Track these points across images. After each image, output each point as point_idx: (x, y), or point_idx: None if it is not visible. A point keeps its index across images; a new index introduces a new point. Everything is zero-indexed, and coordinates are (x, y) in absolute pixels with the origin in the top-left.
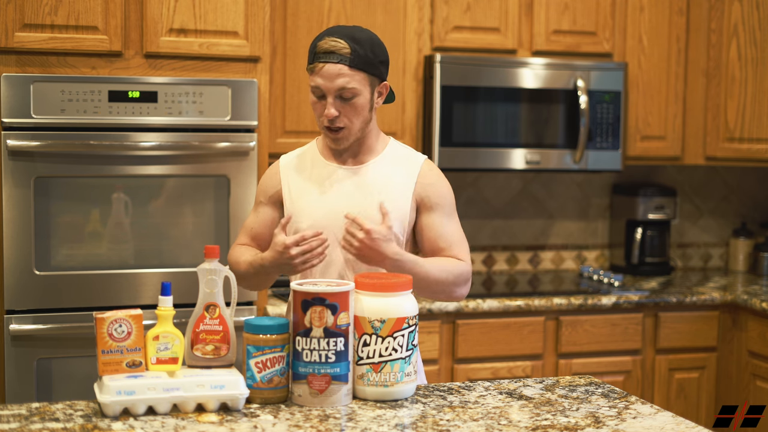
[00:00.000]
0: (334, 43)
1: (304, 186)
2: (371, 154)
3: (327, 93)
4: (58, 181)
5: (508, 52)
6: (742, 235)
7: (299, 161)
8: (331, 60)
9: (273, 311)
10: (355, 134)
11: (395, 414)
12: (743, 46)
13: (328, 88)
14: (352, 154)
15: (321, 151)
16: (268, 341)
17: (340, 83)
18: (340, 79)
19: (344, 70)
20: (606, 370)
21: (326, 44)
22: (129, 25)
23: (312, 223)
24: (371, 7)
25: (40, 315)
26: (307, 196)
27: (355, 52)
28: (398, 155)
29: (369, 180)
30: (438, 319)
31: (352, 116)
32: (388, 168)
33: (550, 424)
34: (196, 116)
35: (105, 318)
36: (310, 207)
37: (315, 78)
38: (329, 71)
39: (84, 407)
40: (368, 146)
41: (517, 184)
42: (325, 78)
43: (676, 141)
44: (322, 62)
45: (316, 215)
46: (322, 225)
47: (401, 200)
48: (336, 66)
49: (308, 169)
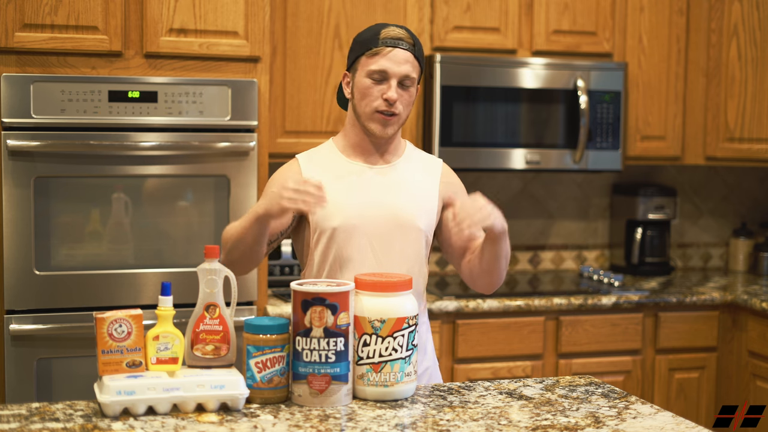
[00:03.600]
0: (401, 32)
1: (331, 185)
2: (396, 155)
3: (392, 76)
4: (58, 181)
5: (508, 52)
6: (742, 235)
7: (320, 160)
8: (401, 46)
9: (273, 311)
10: (400, 124)
11: (395, 414)
12: (743, 46)
13: (395, 72)
14: (380, 153)
15: (342, 150)
16: (268, 341)
17: (406, 70)
18: (407, 66)
19: (410, 58)
20: (606, 370)
21: (393, 32)
22: (129, 25)
23: (343, 222)
24: (371, 7)
25: (40, 315)
26: (336, 195)
27: (417, 46)
28: (419, 157)
29: (398, 179)
30: (438, 319)
31: (406, 105)
32: (413, 168)
33: (550, 424)
34: (196, 116)
35: (105, 318)
36: (340, 206)
37: (380, 61)
38: (398, 56)
39: (84, 407)
40: (395, 146)
41: (517, 184)
42: (392, 62)
43: (676, 141)
44: (391, 47)
45: (347, 214)
46: (353, 224)
47: (430, 199)
48: (405, 52)
49: (333, 168)
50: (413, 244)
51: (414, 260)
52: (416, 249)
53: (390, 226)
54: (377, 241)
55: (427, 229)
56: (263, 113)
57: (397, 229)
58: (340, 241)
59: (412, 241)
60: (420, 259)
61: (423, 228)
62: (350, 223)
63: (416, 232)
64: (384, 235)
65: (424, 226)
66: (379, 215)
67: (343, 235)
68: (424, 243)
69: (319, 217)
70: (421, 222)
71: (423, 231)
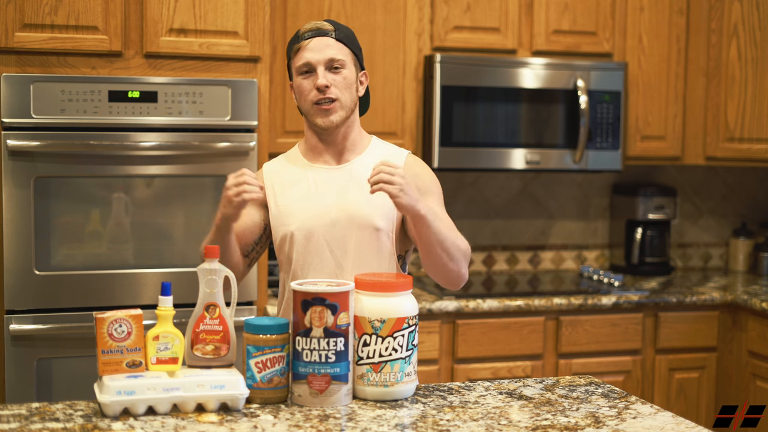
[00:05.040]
0: (318, 22)
1: (289, 188)
2: (355, 152)
3: (317, 65)
4: (58, 181)
5: (508, 52)
6: (742, 235)
7: (282, 164)
8: (318, 34)
9: (273, 311)
10: (345, 110)
11: (395, 414)
12: (743, 46)
13: (318, 59)
14: (336, 152)
15: (304, 153)
16: (268, 341)
17: (329, 54)
18: (329, 50)
19: (331, 42)
20: (606, 370)
21: (309, 25)
22: (129, 25)
23: (300, 225)
24: (371, 7)
25: (40, 315)
26: (293, 199)
27: (338, 29)
28: (382, 151)
29: (355, 177)
30: (438, 319)
31: (342, 88)
32: (372, 164)
33: (550, 424)
34: (195, 116)
35: (105, 318)
36: (296, 209)
37: (302, 54)
38: (317, 45)
39: (84, 407)
40: (352, 142)
41: (517, 184)
42: (313, 51)
43: (676, 141)
44: (309, 38)
45: (303, 216)
46: (309, 226)
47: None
48: (323, 39)
49: (292, 172)
50: (372, 244)
51: (377, 261)
52: (377, 249)
53: (346, 228)
54: (335, 244)
55: (386, 225)
56: (263, 113)
57: (354, 230)
58: (298, 245)
59: (371, 240)
60: (385, 258)
61: (382, 226)
62: (306, 227)
63: (374, 232)
64: (341, 237)
65: (383, 224)
66: (335, 217)
67: (302, 240)
68: (388, 241)
69: (277, 223)
70: (378, 221)
71: (382, 229)
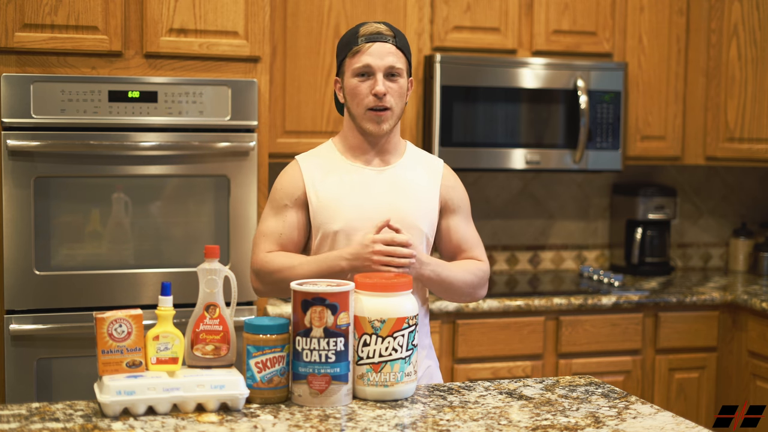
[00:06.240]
0: (379, 26)
1: (332, 188)
2: (395, 155)
3: (377, 70)
4: (58, 181)
5: (508, 52)
6: (742, 235)
7: (320, 162)
8: (381, 39)
9: (273, 311)
10: (395, 119)
11: (395, 414)
12: (743, 46)
13: (378, 65)
14: (378, 153)
15: (342, 152)
16: (268, 341)
17: (390, 61)
18: (390, 57)
19: (393, 49)
20: (606, 370)
21: (371, 27)
22: (129, 25)
23: (344, 225)
24: (371, 7)
25: (40, 315)
26: (336, 198)
27: (398, 37)
28: (419, 157)
29: (398, 181)
30: (438, 319)
31: (397, 97)
32: (413, 169)
33: (550, 424)
34: (196, 116)
35: (105, 318)
36: (340, 209)
37: (362, 57)
38: (379, 50)
39: (84, 407)
40: (393, 145)
41: (517, 184)
42: (374, 56)
43: (676, 141)
44: (371, 42)
45: (348, 217)
46: (354, 227)
47: (430, 201)
48: (386, 45)
49: (333, 171)
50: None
51: None
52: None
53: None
54: None
55: (429, 230)
56: (263, 113)
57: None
58: (341, 243)
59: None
60: None
61: (425, 229)
62: (351, 226)
63: (418, 234)
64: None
65: (426, 227)
66: (382, 217)
67: (345, 239)
68: (425, 244)
69: (321, 220)
70: (423, 223)
71: (425, 232)
